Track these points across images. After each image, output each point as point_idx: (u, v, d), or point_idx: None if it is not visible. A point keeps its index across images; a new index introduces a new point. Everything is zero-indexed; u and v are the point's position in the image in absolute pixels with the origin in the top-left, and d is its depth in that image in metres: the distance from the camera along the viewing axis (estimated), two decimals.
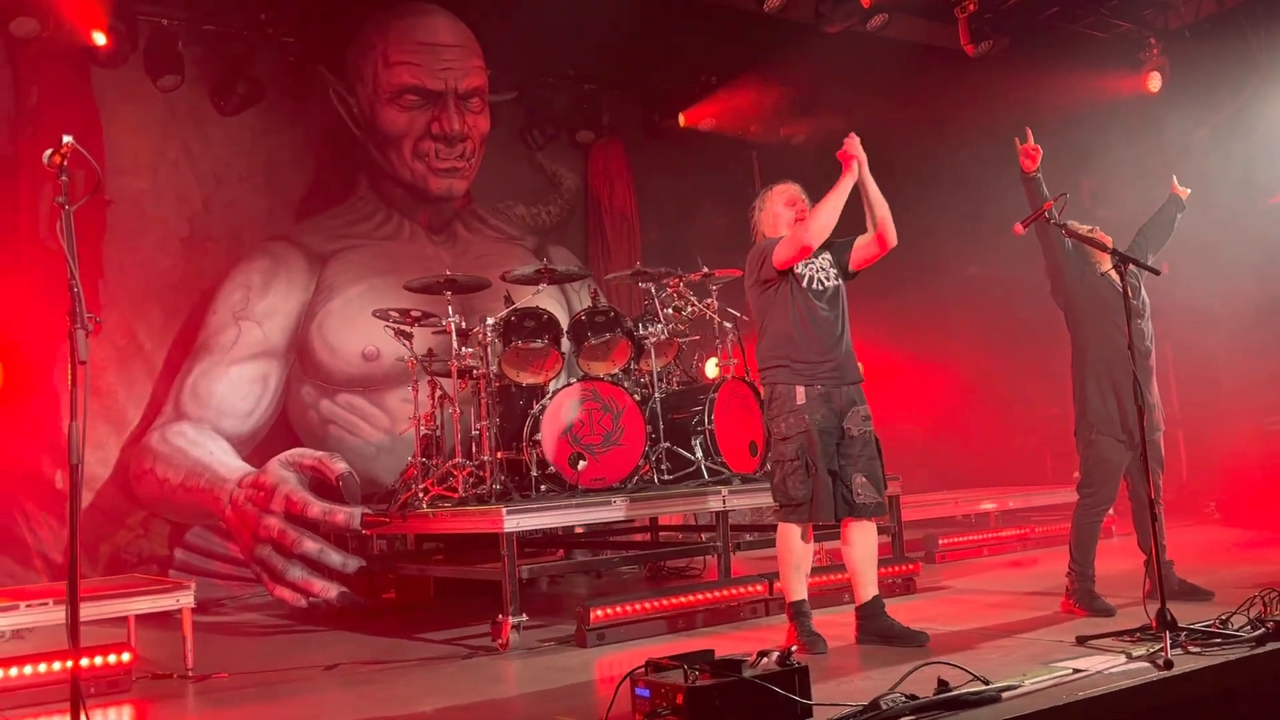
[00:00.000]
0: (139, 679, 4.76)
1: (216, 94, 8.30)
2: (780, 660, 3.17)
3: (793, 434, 4.44)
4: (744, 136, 10.60)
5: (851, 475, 4.46)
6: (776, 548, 4.59)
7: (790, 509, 4.48)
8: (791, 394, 4.46)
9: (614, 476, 6.00)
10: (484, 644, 5.18)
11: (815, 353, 4.50)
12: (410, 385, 6.83)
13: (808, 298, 4.53)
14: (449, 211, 9.20)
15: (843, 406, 4.49)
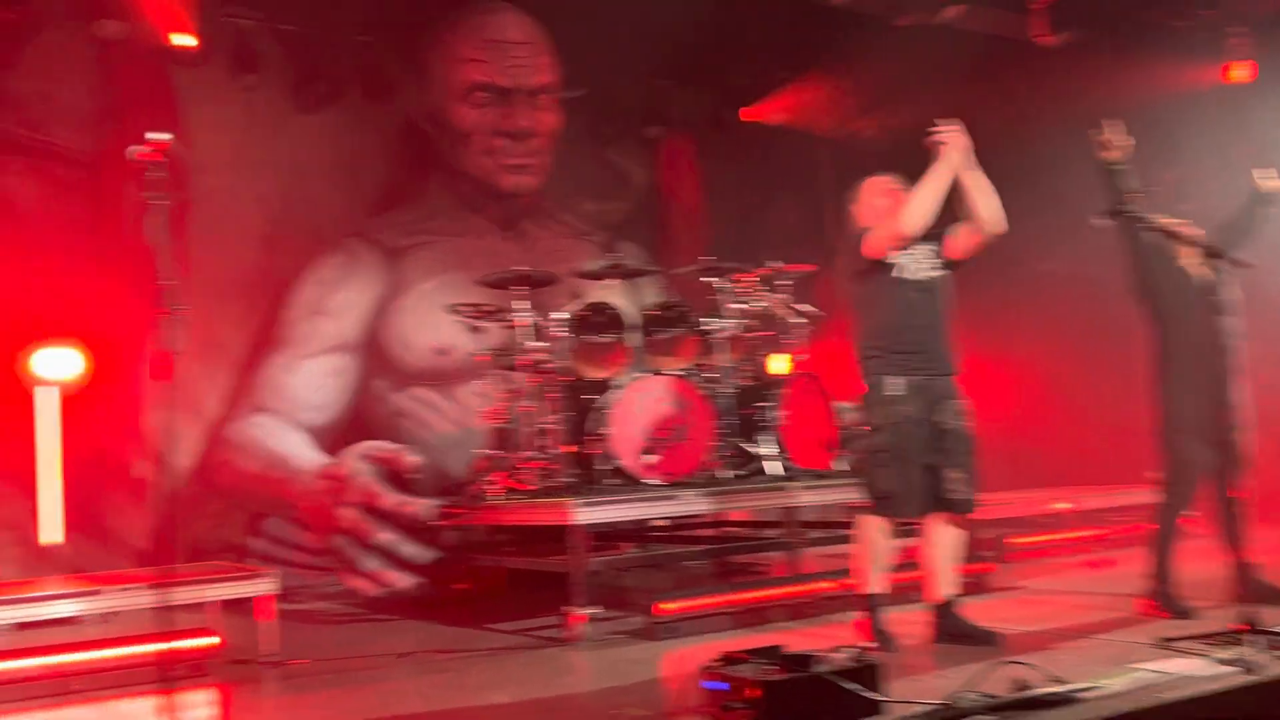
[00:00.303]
0: (221, 664, 4.89)
1: (295, 93, 8.47)
2: (853, 656, 3.16)
3: (883, 425, 4.39)
4: (813, 131, 10.53)
5: (943, 470, 4.39)
6: (857, 540, 4.53)
7: (875, 501, 4.44)
8: (883, 384, 4.41)
9: (682, 471, 6.01)
10: (554, 635, 5.24)
11: (909, 343, 4.44)
12: (481, 379, 6.92)
13: (903, 287, 4.47)
14: (518, 208, 9.29)
15: (936, 399, 4.42)
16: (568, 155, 9.57)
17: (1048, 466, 10.01)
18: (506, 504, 5.95)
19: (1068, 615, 5.03)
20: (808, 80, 9.90)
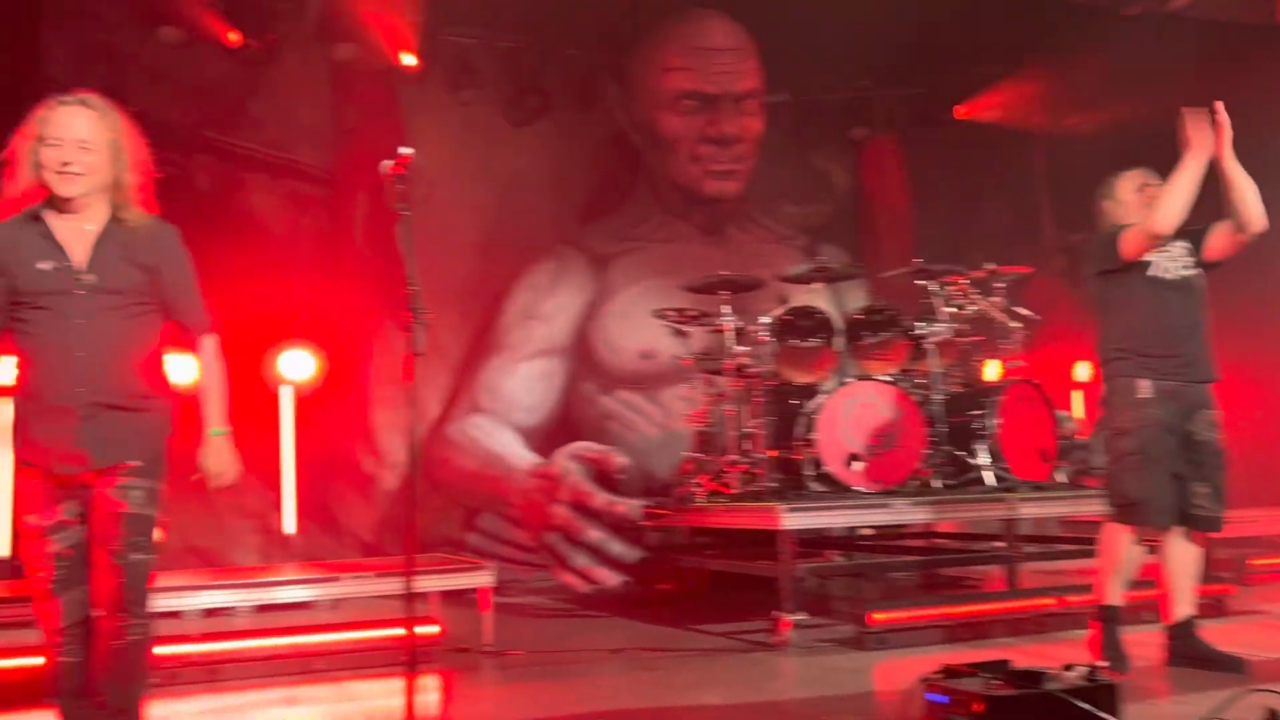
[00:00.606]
0: (441, 652, 5.14)
1: (509, 107, 8.84)
2: (1087, 675, 3.02)
3: (1132, 428, 4.16)
4: (1028, 128, 10.11)
5: (1192, 483, 4.14)
6: (1098, 548, 4.32)
7: (1123, 509, 4.21)
8: (1133, 387, 4.18)
9: (891, 479, 5.89)
10: (761, 639, 5.23)
11: (1162, 346, 4.20)
12: (685, 383, 7.00)
13: (1156, 287, 4.24)
14: (722, 213, 9.34)
15: (1190, 407, 4.18)
16: (769, 159, 9.56)
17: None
18: (711, 507, 5.99)
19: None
20: (1022, 75, 9.52)
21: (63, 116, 2.94)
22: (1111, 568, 4.23)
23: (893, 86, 9.95)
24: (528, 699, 4.27)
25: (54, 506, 2.92)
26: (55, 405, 2.92)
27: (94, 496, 2.95)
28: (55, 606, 2.92)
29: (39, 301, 2.92)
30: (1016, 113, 10.01)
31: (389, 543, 8.14)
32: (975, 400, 6.26)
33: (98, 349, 2.97)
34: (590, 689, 4.48)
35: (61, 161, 2.91)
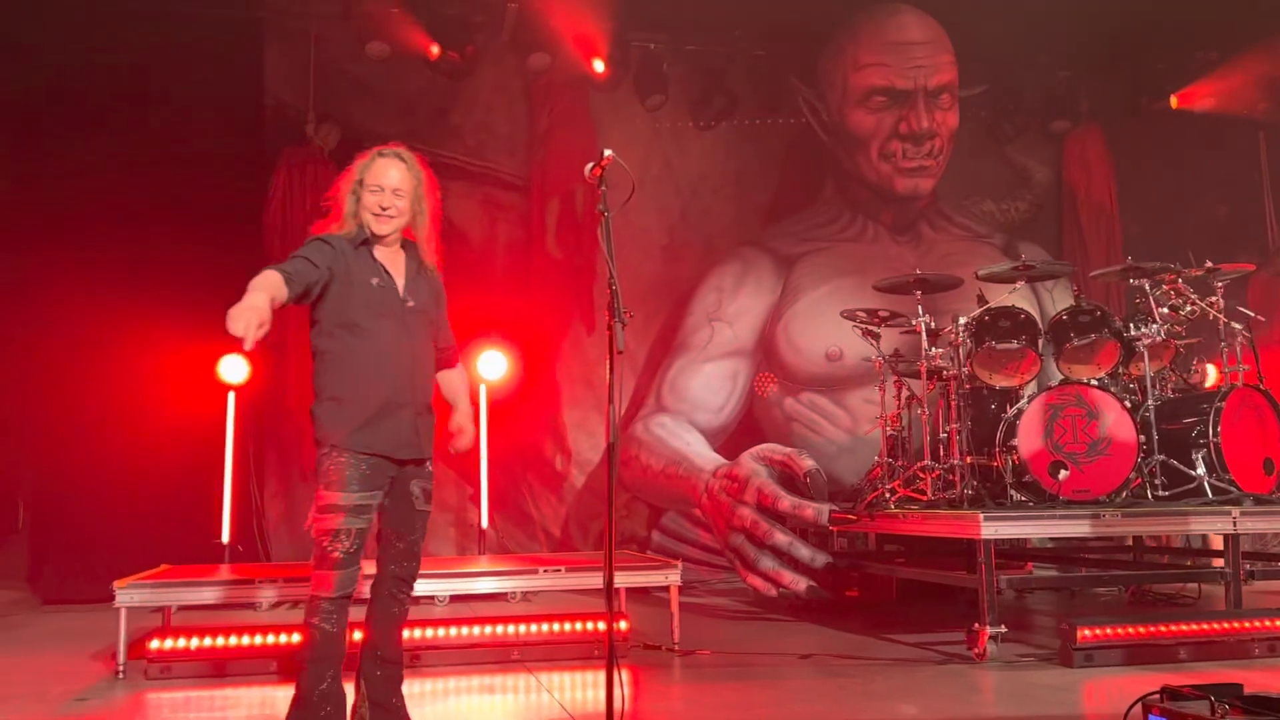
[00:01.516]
0: (631, 648, 5.20)
1: (695, 110, 8.92)
2: None
3: None
4: (1250, 115, 9.41)
5: None
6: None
7: None
8: None
9: (1099, 489, 5.57)
10: (957, 651, 5.06)
11: None
12: (874, 385, 6.85)
13: None
14: (914, 211, 9.11)
15: None
16: (964, 154, 9.27)
17: None
18: (904, 513, 5.83)
19: None
20: (1243, 60, 8.87)
21: (381, 167, 3.47)
22: None
23: (1097, 76, 9.49)
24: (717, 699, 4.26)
25: (367, 490, 3.32)
26: (398, 402, 3.38)
27: (397, 485, 3.42)
28: (334, 578, 3.28)
29: (379, 312, 3.38)
30: (1236, 100, 9.35)
31: (577, 538, 8.33)
32: (1193, 406, 5.86)
33: (421, 361, 3.50)
34: (781, 693, 4.43)
35: (380, 206, 3.42)
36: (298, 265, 3.27)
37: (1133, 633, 4.76)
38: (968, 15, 8.43)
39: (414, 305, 3.47)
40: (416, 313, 3.47)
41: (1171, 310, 6.06)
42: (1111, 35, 8.62)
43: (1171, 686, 3.04)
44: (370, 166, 3.47)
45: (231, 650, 4.78)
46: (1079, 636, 4.67)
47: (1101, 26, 8.41)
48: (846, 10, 8.83)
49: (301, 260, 3.29)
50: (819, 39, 9.03)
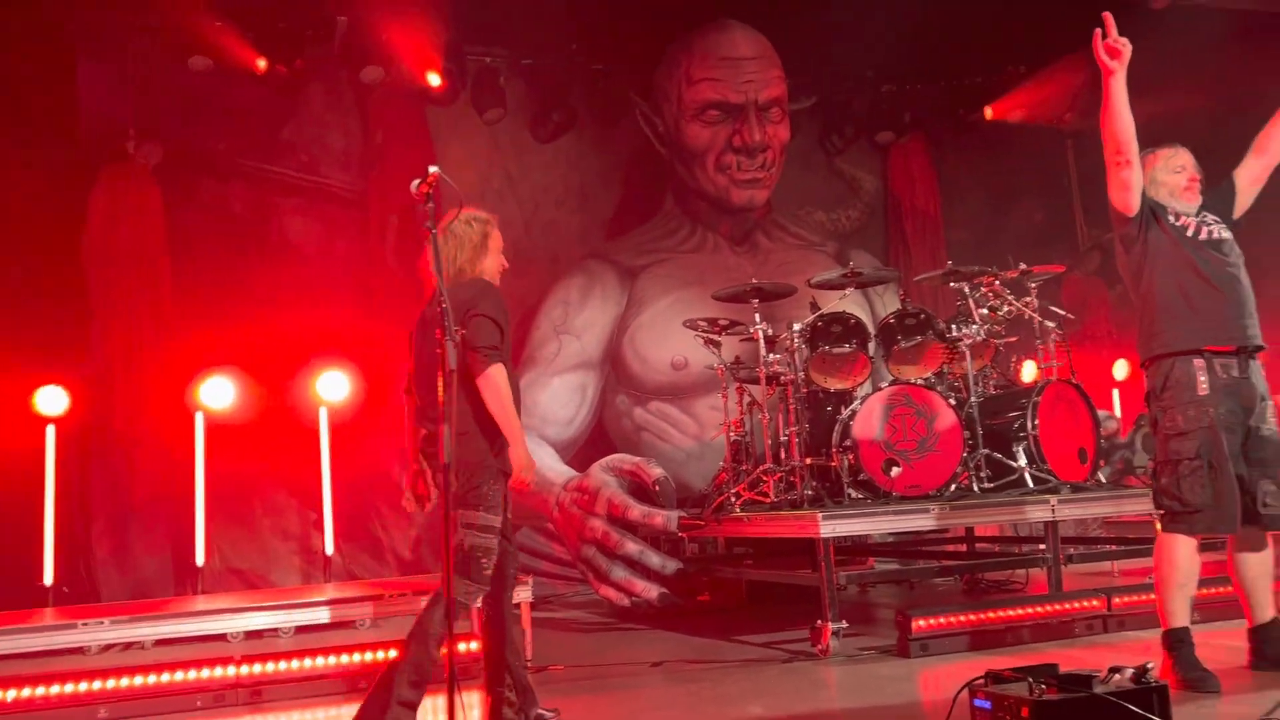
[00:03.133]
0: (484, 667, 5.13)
1: (534, 124, 8.94)
2: (1135, 677, 2.98)
3: (1192, 429, 3.89)
4: (1058, 126, 10.04)
5: (1258, 481, 3.89)
6: (1155, 562, 4.02)
7: (1182, 516, 3.90)
8: (1192, 382, 3.91)
9: (930, 484, 5.84)
10: (802, 649, 5.20)
11: (1215, 319, 3.95)
12: (718, 392, 7.00)
13: (1200, 249, 3.99)
14: (750, 221, 9.34)
15: (1252, 401, 3.94)
16: (796, 166, 9.57)
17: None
18: (749, 516, 5.97)
19: None
20: (1051, 73, 9.45)
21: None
22: (1174, 582, 3.93)
23: (918, 89, 9.93)
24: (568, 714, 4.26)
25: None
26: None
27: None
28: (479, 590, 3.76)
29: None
30: (1046, 111, 9.94)
31: (429, 560, 8.19)
32: (1013, 402, 6.20)
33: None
34: (633, 702, 4.47)
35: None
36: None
37: (964, 620, 5.00)
38: (795, 31, 8.71)
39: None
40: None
41: (991, 311, 6.40)
42: (930, 50, 9.05)
43: (995, 670, 3.20)
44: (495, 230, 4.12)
45: (53, 700, 4.51)
46: (914, 627, 4.88)
47: (921, 42, 8.81)
48: (680, 27, 8.99)
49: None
50: (654, 55, 9.17)
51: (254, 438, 7.60)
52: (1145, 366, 4.11)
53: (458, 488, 3.73)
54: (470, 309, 3.79)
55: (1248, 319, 3.98)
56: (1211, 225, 4.08)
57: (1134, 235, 4.09)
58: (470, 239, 4.01)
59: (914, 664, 4.77)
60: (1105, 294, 9.92)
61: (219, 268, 7.99)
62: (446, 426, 3.02)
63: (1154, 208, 4.09)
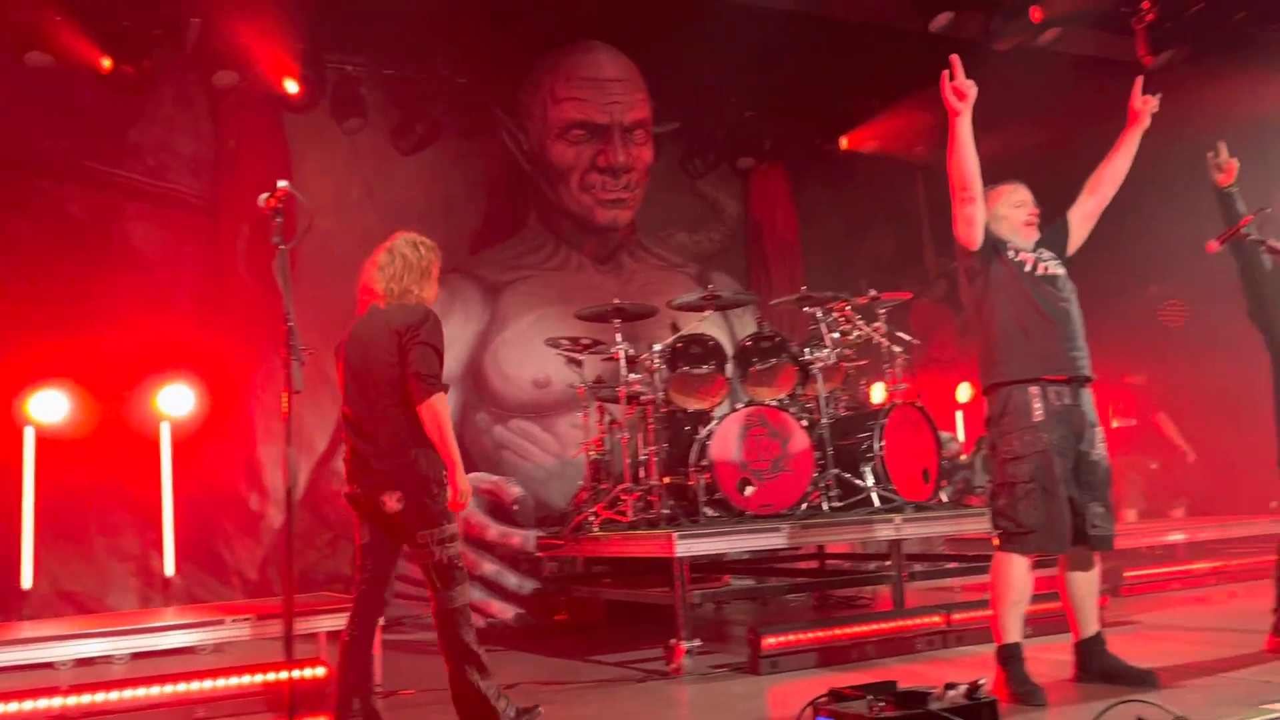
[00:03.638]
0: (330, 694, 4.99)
1: (396, 135, 8.77)
2: (968, 693, 3.10)
3: (1027, 453, 4.05)
4: (909, 158, 10.45)
5: (1087, 503, 4.11)
6: (991, 580, 4.18)
7: (1017, 537, 4.06)
8: (1028, 409, 4.08)
9: (782, 503, 5.97)
10: (657, 668, 5.23)
11: (1050, 350, 4.14)
12: (580, 411, 7.00)
13: (1037, 284, 4.20)
14: (614, 241, 9.40)
15: (1081, 427, 4.14)
16: (661, 188, 9.68)
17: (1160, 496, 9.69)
18: (606, 536, 5.98)
19: (1190, 652, 4.84)
20: (903, 107, 9.84)
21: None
22: (1008, 600, 4.09)
23: (778, 117, 10.18)
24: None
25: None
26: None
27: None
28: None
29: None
30: (897, 144, 10.34)
31: (276, 582, 7.91)
32: (861, 423, 6.40)
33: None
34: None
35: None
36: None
37: (813, 637, 5.12)
38: (660, 56, 8.83)
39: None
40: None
41: (842, 335, 6.60)
42: (789, 80, 9.29)
43: (837, 688, 3.29)
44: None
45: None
46: (764, 645, 4.96)
47: (780, 72, 9.05)
48: (545, 45, 9.00)
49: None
50: (520, 71, 9.15)
51: (89, 453, 7.21)
52: (986, 393, 4.29)
53: (405, 504, 3.82)
54: (414, 334, 3.84)
55: (1079, 351, 4.19)
56: (1047, 261, 4.30)
57: (977, 268, 4.27)
58: (418, 264, 4.07)
59: (764, 681, 4.85)
60: (951, 320, 10.37)
61: (53, 274, 7.55)
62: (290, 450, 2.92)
63: (996, 243, 4.29)
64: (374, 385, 3.94)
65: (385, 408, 3.92)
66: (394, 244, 4.09)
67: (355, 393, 4.00)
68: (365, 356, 3.98)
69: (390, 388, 3.90)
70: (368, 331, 4.00)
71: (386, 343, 3.92)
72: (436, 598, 3.95)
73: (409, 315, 3.93)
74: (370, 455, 3.94)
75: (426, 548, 3.86)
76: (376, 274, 4.04)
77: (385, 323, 3.96)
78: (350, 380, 4.04)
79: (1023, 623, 4.14)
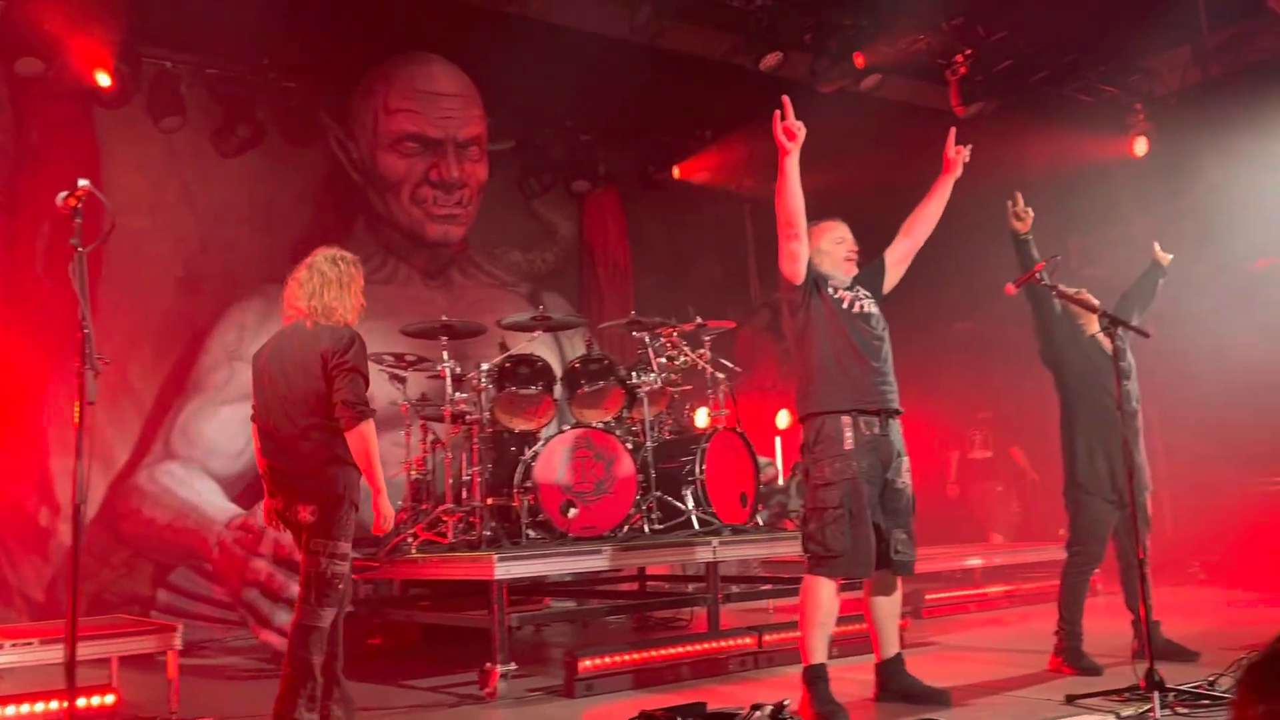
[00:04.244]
0: None
1: (218, 136, 8.40)
2: (774, 714, 3.18)
3: (837, 480, 4.21)
4: (738, 190, 10.74)
5: (891, 530, 4.29)
6: (800, 602, 4.30)
7: (825, 560, 4.19)
8: (840, 437, 4.24)
9: (605, 525, 6.00)
10: (471, 692, 5.16)
11: (862, 383, 4.31)
12: (401, 429, 6.85)
13: (853, 321, 4.38)
14: (445, 257, 9.27)
15: (889, 457, 4.32)
16: (495, 206, 9.62)
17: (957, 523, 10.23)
18: (425, 558, 5.86)
19: (982, 671, 5.11)
20: (733, 141, 10.11)
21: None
22: (816, 621, 4.21)
23: (613, 143, 10.30)
24: None
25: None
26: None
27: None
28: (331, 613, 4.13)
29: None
30: (727, 176, 10.62)
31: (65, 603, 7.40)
32: (684, 447, 6.50)
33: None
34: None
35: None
36: None
37: (629, 660, 5.15)
38: (497, 74, 8.80)
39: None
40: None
41: (669, 360, 6.71)
42: (624, 107, 9.42)
43: (647, 710, 3.32)
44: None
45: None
46: (580, 667, 4.96)
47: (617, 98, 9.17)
48: (379, 53, 8.82)
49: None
50: (351, 79, 8.94)
51: None
52: (802, 421, 4.45)
53: (317, 517, 3.90)
54: (340, 359, 3.87)
55: (889, 385, 4.40)
56: (863, 299, 4.51)
57: (799, 302, 4.43)
58: (338, 279, 4.06)
59: (579, 704, 4.84)
60: (772, 349, 10.69)
61: None
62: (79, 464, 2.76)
63: (817, 279, 4.46)
64: (295, 403, 3.96)
65: (305, 428, 3.95)
66: (314, 260, 4.10)
67: (274, 407, 4.01)
68: (287, 372, 3.99)
69: (311, 408, 3.93)
70: (291, 347, 4.01)
71: (310, 363, 3.94)
72: (304, 609, 3.97)
73: (334, 339, 3.94)
74: (287, 473, 4.00)
75: (316, 555, 3.95)
76: (298, 290, 4.04)
77: (310, 342, 3.96)
78: (269, 394, 4.05)
79: (829, 644, 4.28)
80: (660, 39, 8.36)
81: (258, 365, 4.21)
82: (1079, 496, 5.04)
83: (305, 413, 3.95)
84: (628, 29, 8.16)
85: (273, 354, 4.11)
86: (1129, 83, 9.45)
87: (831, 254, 4.55)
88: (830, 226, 4.62)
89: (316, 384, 3.91)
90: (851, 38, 8.51)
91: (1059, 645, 4.98)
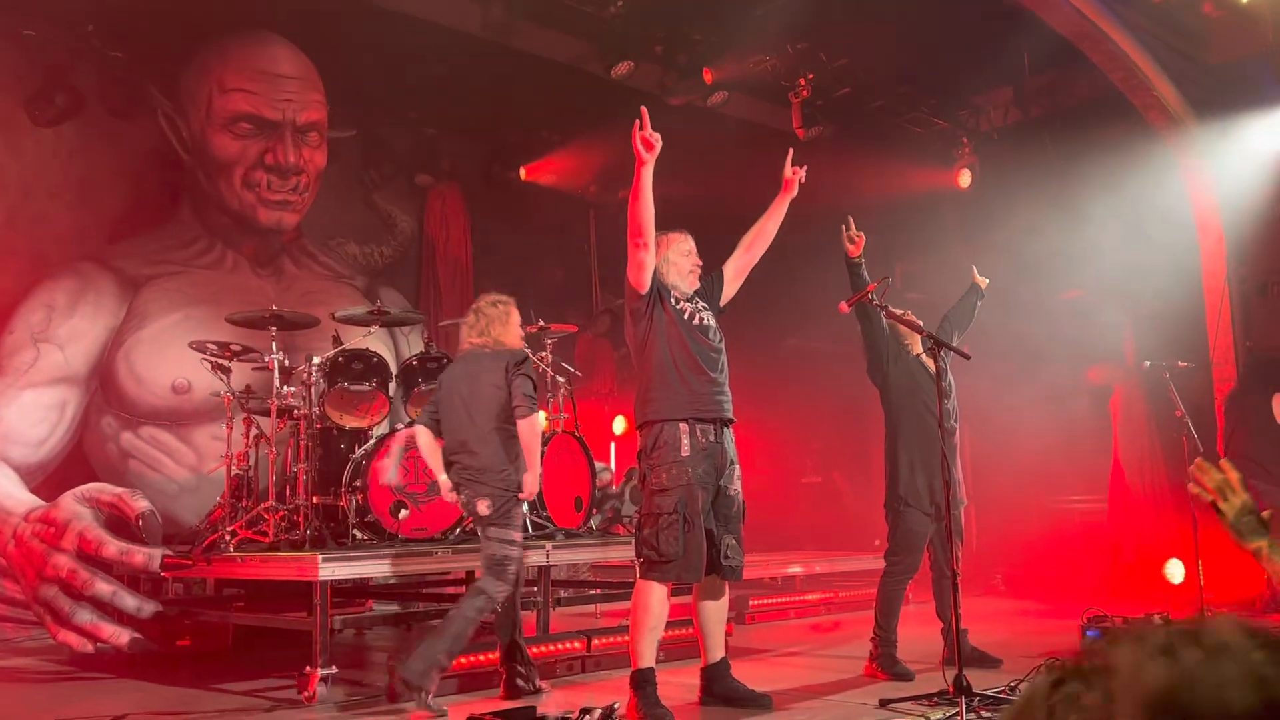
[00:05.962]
0: None
1: (32, 103, 7.84)
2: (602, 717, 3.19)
3: (673, 486, 4.26)
4: (583, 195, 10.76)
5: (722, 536, 4.36)
6: (632, 606, 4.34)
7: (657, 565, 4.24)
8: (677, 444, 4.30)
9: (436, 527, 5.90)
10: (288, 696, 4.97)
11: (700, 392, 4.38)
12: (223, 422, 6.55)
13: (693, 332, 4.45)
14: (277, 244, 8.93)
15: (723, 464, 4.40)
16: (332, 195, 9.33)
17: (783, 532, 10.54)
18: (242, 557, 5.61)
19: (801, 676, 5.27)
20: (580, 145, 10.13)
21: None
22: (646, 626, 4.25)
23: (458, 138, 10.16)
24: None
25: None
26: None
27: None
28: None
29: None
30: (573, 180, 10.63)
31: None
32: None
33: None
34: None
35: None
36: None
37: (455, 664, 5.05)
38: (339, 59, 8.55)
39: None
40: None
41: None
42: (472, 103, 9.31)
43: (475, 715, 3.28)
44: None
45: None
46: None
47: (465, 94, 9.06)
48: (215, 29, 8.43)
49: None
50: (183, 52, 8.50)
51: None
52: (640, 428, 4.49)
53: (500, 508, 4.72)
54: (518, 368, 4.78)
55: (724, 395, 4.50)
56: (703, 312, 4.59)
57: (642, 311, 4.47)
58: (498, 317, 4.93)
59: (402, 708, 4.73)
60: (611, 356, 10.76)
61: None
62: None
63: (661, 289, 4.51)
64: (481, 411, 4.76)
65: (487, 431, 4.75)
66: (478, 306, 5.01)
67: (464, 417, 4.79)
68: (474, 388, 4.81)
69: (493, 413, 4.76)
70: (479, 365, 4.84)
71: (496, 373, 4.78)
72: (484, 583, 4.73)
73: (513, 355, 4.84)
74: (474, 469, 4.75)
75: (491, 542, 4.72)
76: (468, 331, 4.96)
77: (495, 360, 4.81)
78: (459, 407, 4.81)
79: (657, 648, 4.33)
80: (512, 38, 8.31)
81: (446, 382, 4.97)
82: (899, 508, 5.26)
83: (488, 417, 4.76)
84: (479, 25, 8.08)
85: (462, 372, 4.90)
86: (957, 116, 9.95)
87: (678, 265, 4.61)
88: (678, 238, 4.68)
89: (500, 392, 4.74)
90: (701, 53, 8.68)
91: (874, 652, 5.18)
